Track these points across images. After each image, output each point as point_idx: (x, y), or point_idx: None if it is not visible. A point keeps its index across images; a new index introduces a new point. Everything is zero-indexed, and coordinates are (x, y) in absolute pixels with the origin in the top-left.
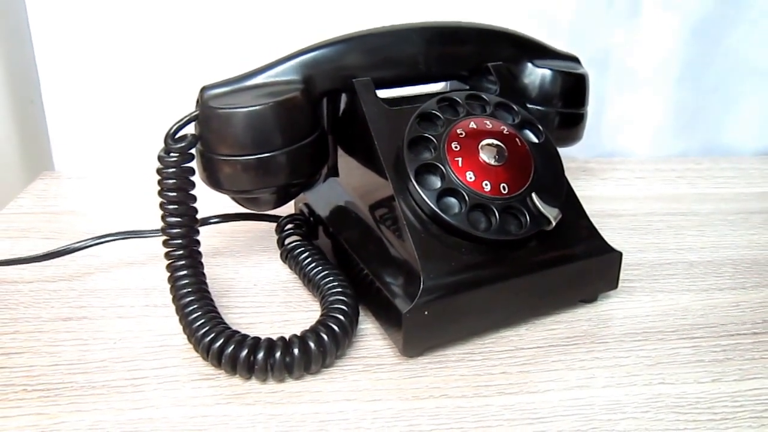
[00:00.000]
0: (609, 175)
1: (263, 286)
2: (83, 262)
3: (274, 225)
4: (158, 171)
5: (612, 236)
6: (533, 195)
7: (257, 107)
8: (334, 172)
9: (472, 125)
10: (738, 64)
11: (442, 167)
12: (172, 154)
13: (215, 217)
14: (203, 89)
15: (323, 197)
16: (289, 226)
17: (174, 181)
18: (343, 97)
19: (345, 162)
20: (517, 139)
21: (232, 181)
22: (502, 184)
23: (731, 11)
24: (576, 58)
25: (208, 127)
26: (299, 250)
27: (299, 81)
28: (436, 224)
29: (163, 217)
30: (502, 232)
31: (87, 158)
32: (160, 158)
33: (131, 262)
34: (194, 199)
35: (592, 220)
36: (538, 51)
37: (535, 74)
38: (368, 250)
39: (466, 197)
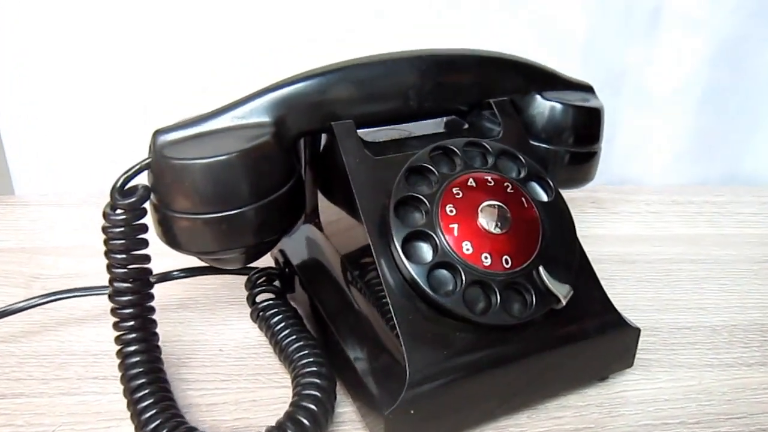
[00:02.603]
0: (620, 208)
1: (230, 352)
2: (28, 318)
3: (244, 278)
4: (103, 230)
5: (625, 290)
6: (541, 269)
7: (220, 158)
8: (313, 216)
9: (471, 182)
10: (764, 87)
11: (434, 236)
12: (119, 211)
13: (177, 271)
14: (156, 134)
15: (300, 245)
16: (261, 280)
17: (122, 241)
18: (323, 135)
19: (325, 206)
20: (522, 199)
21: (192, 242)
22: (504, 257)
23: (758, 30)
24: (590, 87)
25: (162, 180)
26: (271, 312)
27: (270, 123)
28: (425, 303)
29: (110, 281)
30: (503, 314)
31: (48, 181)
32: (105, 215)
33: (82, 318)
34: (147, 259)
35: (603, 266)
36: (546, 80)
37: (544, 108)
38: (347, 323)
39: (463, 273)
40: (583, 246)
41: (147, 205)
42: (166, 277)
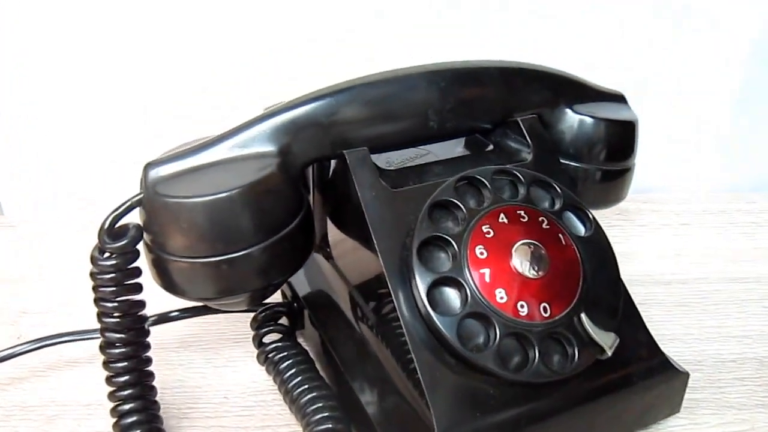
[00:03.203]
0: (648, 219)
1: (236, 400)
2: (16, 362)
3: (250, 314)
4: (92, 275)
5: (662, 316)
6: (583, 317)
7: (221, 195)
8: (322, 244)
9: (502, 218)
10: None
11: (463, 283)
12: (107, 255)
13: (176, 311)
14: (148, 167)
15: (308, 278)
16: (268, 320)
17: (113, 289)
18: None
19: (335, 234)
20: (560, 236)
21: (190, 287)
22: (542, 304)
23: None
24: (621, 97)
25: (156, 220)
26: (280, 356)
27: (274, 152)
28: (454, 357)
29: (101, 331)
30: (542, 370)
31: (45, 182)
32: (93, 260)
33: (75, 361)
34: (141, 305)
35: (636, 289)
36: (576, 92)
37: (574, 123)
38: (364, 373)
39: (497, 325)
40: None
41: (140, 245)
42: (163, 318)
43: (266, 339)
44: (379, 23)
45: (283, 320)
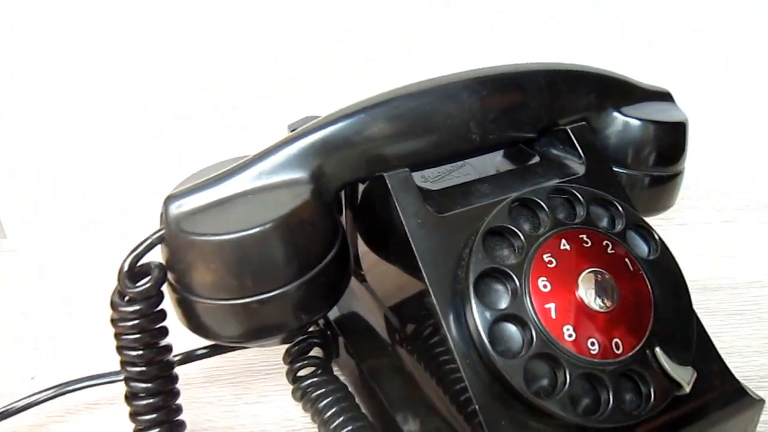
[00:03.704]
0: (689, 217)
1: None
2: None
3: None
4: (112, 322)
5: (717, 327)
6: (658, 351)
7: (252, 230)
8: (355, 267)
9: (564, 245)
10: None
11: (527, 321)
12: (130, 300)
13: (204, 348)
14: (169, 201)
15: (343, 303)
16: (303, 353)
17: (136, 337)
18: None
19: (370, 257)
20: (627, 261)
21: (220, 330)
22: (614, 340)
23: None
24: (668, 95)
25: (181, 259)
26: (317, 393)
27: (306, 179)
28: (519, 401)
29: (125, 381)
30: (617, 413)
31: (44, 184)
32: (113, 305)
33: (94, 405)
34: (168, 350)
35: None
36: (622, 92)
37: (620, 126)
38: (410, 409)
39: (566, 367)
40: None
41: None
42: (189, 357)
43: (301, 373)
44: (379, 23)
45: (317, 350)
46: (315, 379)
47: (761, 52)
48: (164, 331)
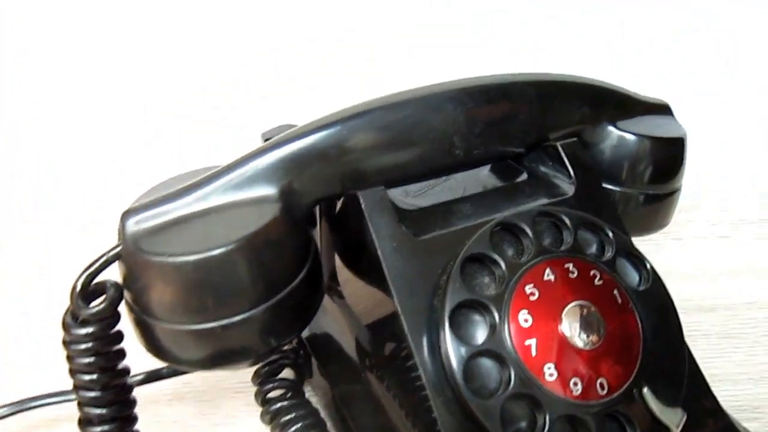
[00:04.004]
0: (683, 231)
1: None
2: None
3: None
4: (64, 344)
5: (710, 351)
6: (645, 391)
7: (215, 251)
8: (332, 284)
9: (549, 275)
10: None
11: (506, 358)
12: (83, 322)
13: (167, 367)
14: (126, 215)
15: (316, 321)
16: (272, 375)
17: (90, 361)
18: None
19: (347, 275)
20: (615, 293)
21: (182, 354)
22: (599, 380)
23: None
24: (667, 107)
25: (138, 280)
26: (287, 418)
27: (275, 195)
28: None
29: (79, 405)
30: None
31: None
32: (65, 326)
33: (54, 422)
34: (125, 373)
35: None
36: (618, 105)
37: (615, 141)
38: None
39: (546, 409)
40: None
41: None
42: (152, 377)
43: (271, 395)
44: (379, 23)
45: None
46: (285, 403)
47: (761, 52)
48: (121, 354)
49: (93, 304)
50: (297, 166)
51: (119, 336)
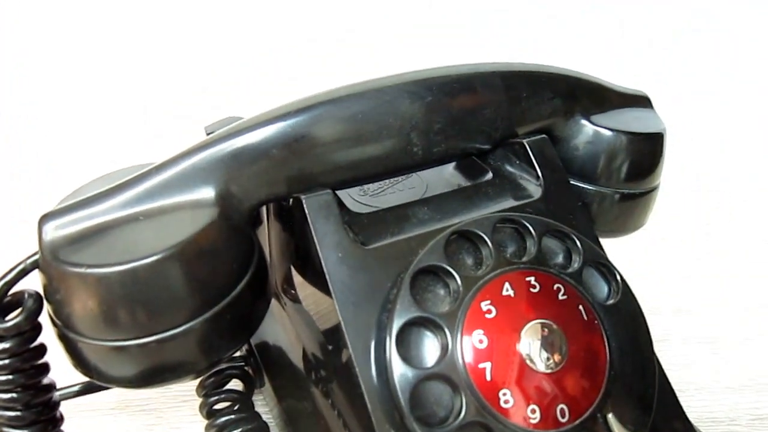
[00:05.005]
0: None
1: None
2: None
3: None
4: None
5: (688, 358)
6: (610, 418)
7: (144, 261)
8: (287, 288)
9: (507, 290)
10: None
11: (457, 384)
12: None
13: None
14: (44, 219)
15: (267, 330)
16: (218, 386)
17: (8, 378)
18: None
19: (302, 281)
20: (580, 308)
21: (114, 373)
22: (560, 406)
23: None
24: (645, 99)
25: (57, 291)
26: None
27: (212, 199)
28: None
29: None
30: None
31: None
32: None
33: None
34: (49, 389)
35: (653, 318)
36: (594, 97)
37: (589, 137)
38: None
39: None
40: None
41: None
42: (91, 387)
43: (217, 407)
44: (379, 23)
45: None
46: (231, 416)
47: (761, 52)
48: (43, 369)
49: (9, 316)
50: (235, 166)
51: (41, 350)
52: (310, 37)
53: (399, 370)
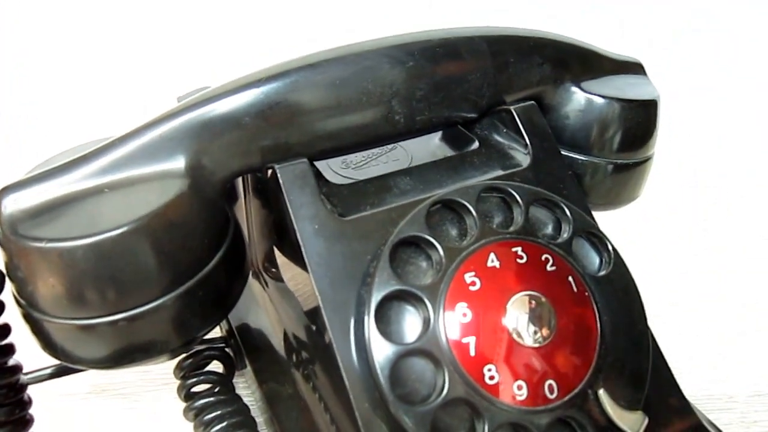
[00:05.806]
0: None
1: None
2: None
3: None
4: None
5: (685, 350)
6: (601, 394)
7: (110, 233)
8: (265, 265)
9: (493, 261)
10: None
11: (440, 359)
12: None
13: None
14: (3, 193)
15: (244, 309)
16: (197, 368)
17: None
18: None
19: (284, 260)
20: (570, 279)
21: (83, 354)
22: (548, 382)
23: None
24: (639, 66)
25: (19, 268)
26: (212, 416)
27: (181, 170)
28: None
29: None
30: None
31: None
32: None
33: None
34: (15, 371)
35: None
36: (585, 64)
37: (580, 104)
38: None
39: (485, 416)
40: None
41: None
42: (65, 369)
43: (196, 389)
44: (379, 23)
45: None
46: (210, 399)
47: (761, 52)
48: (7, 350)
49: None
50: (207, 135)
51: (5, 329)
52: (310, 37)
53: (378, 346)
